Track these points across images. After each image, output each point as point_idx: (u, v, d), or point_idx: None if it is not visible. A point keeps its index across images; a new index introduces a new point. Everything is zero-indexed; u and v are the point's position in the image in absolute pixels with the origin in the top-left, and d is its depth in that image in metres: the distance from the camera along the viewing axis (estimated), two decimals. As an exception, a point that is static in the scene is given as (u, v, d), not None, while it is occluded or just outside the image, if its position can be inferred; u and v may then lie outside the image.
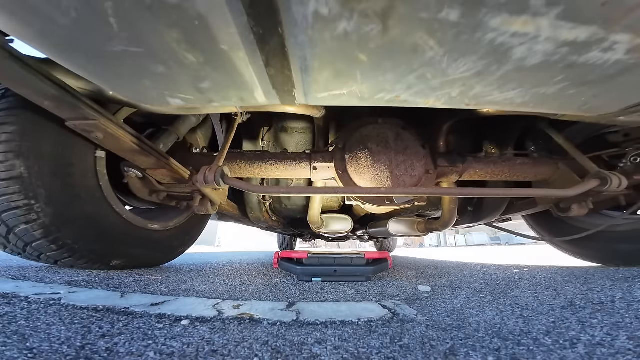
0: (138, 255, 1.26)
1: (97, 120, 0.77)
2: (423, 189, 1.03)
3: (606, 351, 0.46)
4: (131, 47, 0.47)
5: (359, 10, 0.39)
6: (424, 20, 0.40)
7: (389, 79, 0.56)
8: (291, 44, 0.46)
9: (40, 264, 1.58)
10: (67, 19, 0.42)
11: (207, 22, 0.42)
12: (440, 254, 5.11)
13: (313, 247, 10.70)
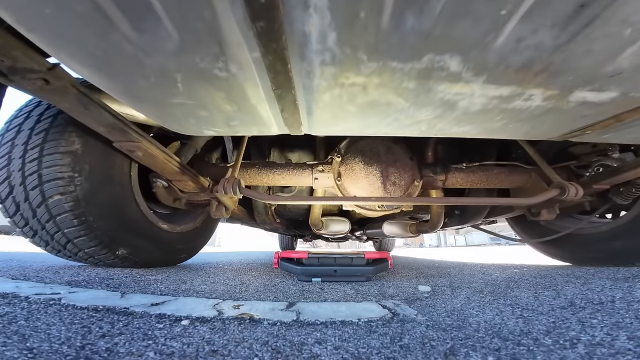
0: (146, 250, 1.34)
1: (140, 142, 0.92)
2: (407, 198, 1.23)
3: (606, 351, 0.46)
4: (188, 100, 0.66)
5: (347, 83, 0.58)
6: (392, 88, 0.60)
7: (372, 121, 0.75)
8: (300, 100, 0.65)
9: (39, 265, 1.58)
10: (147, 81, 0.59)
11: (244, 88, 0.61)
12: (440, 254, 5.11)
13: (313, 247, 10.70)
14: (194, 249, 1.72)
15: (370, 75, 0.55)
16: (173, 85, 0.60)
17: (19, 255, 2.47)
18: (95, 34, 0.46)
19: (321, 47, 0.48)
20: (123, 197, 1.18)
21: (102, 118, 0.80)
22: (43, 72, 0.64)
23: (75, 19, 0.44)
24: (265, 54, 0.50)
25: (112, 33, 0.46)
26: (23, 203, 1.03)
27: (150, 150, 0.96)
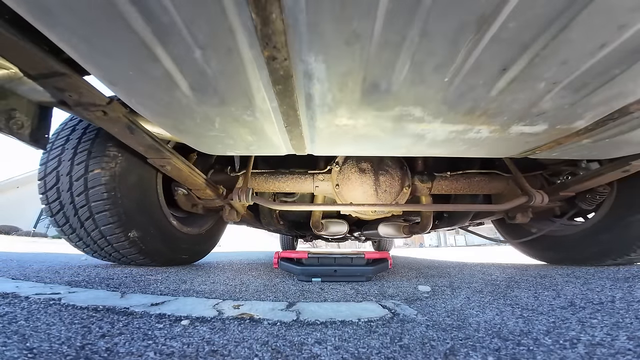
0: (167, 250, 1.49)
1: (170, 158, 1.08)
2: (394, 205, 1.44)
3: (606, 351, 0.46)
4: (220, 134, 0.86)
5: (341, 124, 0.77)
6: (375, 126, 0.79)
7: (362, 147, 0.94)
8: (305, 133, 0.84)
9: (39, 265, 1.58)
10: (193, 122, 0.78)
11: (263, 126, 0.79)
12: (440, 254, 5.11)
13: (313, 247, 10.70)
14: (207, 249, 1.91)
15: (357, 119, 0.75)
16: (211, 124, 0.79)
17: (19, 255, 2.47)
18: (162, 90, 0.63)
19: (321, 102, 0.67)
20: (151, 203, 1.34)
21: (143, 140, 0.97)
22: (102, 106, 0.79)
23: (150, 80, 0.61)
24: (281, 105, 0.69)
25: (175, 90, 0.63)
26: (68, 205, 1.17)
27: (178, 165, 1.12)
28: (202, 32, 0.47)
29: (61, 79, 0.68)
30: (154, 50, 0.52)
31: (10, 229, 15.41)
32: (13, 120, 0.82)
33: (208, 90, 0.63)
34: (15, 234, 14.51)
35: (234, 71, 0.57)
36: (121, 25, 0.46)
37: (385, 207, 1.42)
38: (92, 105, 0.78)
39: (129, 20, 0.45)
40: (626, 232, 1.39)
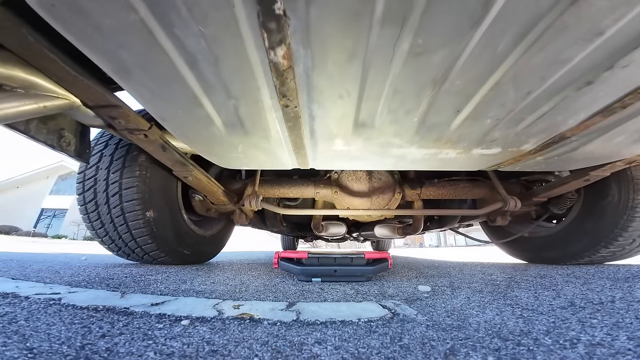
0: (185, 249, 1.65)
1: (193, 171, 1.22)
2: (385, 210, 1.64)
3: (606, 351, 0.46)
4: (240, 155, 1.05)
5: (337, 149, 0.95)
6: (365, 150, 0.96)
7: (355, 163, 1.12)
8: (309, 153, 1.02)
9: (39, 265, 1.58)
10: (221, 147, 0.98)
11: (275, 150, 0.98)
12: (440, 254, 5.11)
13: (313, 247, 10.70)
14: (218, 249, 2.09)
15: (351, 145, 0.93)
16: (235, 149, 0.99)
17: (19, 255, 2.47)
18: (202, 125, 0.83)
19: (321, 134, 0.86)
20: (173, 210, 1.50)
21: (172, 157, 1.12)
22: (144, 130, 0.94)
23: (193, 118, 0.80)
24: (290, 135, 0.87)
25: (211, 126, 0.83)
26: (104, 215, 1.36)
27: (198, 176, 1.27)
28: (237, 89, 0.66)
29: (114, 109, 0.83)
30: (200, 99, 0.70)
31: (10, 229, 15.41)
32: (63, 138, 0.94)
33: (236, 126, 0.83)
34: (15, 234, 14.50)
35: (257, 114, 0.76)
36: (180, 83, 0.64)
37: (377, 212, 1.64)
38: (137, 130, 0.93)
39: (186, 79, 0.63)
40: (592, 235, 1.50)
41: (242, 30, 0.50)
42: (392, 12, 0.46)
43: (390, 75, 0.61)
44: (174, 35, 0.51)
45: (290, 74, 0.60)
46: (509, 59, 0.56)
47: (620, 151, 0.99)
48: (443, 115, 0.76)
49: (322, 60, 0.57)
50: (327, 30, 0.50)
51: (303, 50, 0.54)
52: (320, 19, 0.47)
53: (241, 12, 0.46)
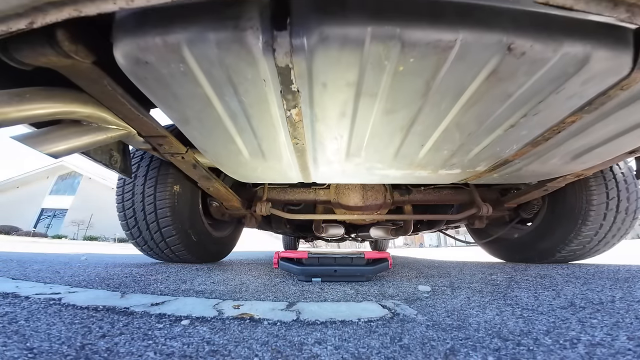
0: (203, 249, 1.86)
1: (214, 183, 1.43)
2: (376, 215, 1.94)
3: (606, 351, 0.46)
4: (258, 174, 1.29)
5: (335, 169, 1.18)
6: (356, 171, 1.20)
7: (349, 179, 1.37)
8: (312, 172, 1.24)
9: (39, 266, 1.58)
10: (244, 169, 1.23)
11: (286, 170, 1.22)
12: (440, 253, 5.11)
13: (313, 247, 10.69)
14: (229, 249, 2.34)
15: (344, 167, 1.17)
16: (254, 170, 1.24)
17: (19, 255, 2.47)
18: (233, 155, 1.08)
19: (321, 160, 1.11)
20: (195, 214, 1.70)
21: (200, 172, 1.32)
22: (183, 153, 1.15)
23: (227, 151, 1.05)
24: (298, 161, 1.12)
25: (239, 156, 1.08)
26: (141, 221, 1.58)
27: (218, 187, 1.48)
28: (261, 132, 0.90)
29: (162, 138, 1.03)
30: (234, 138, 0.94)
31: (10, 229, 15.40)
32: (112, 157, 1.15)
33: (258, 155, 1.08)
34: (15, 234, 14.50)
35: (275, 148, 1.01)
36: (222, 129, 0.88)
37: (369, 216, 1.90)
38: (176, 153, 1.14)
39: (227, 127, 0.87)
40: (555, 237, 1.70)
41: (269, 99, 0.73)
42: (369, 88, 0.69)
43: (370, 124, 0.84)
44: (224, 100, 0.74)
45: (300, 125, 0.85)
46: (450, 114, 0.79)
47: (559, 169, 1.21)
48: (411, 149, 0.99)
49: (322, 116, 0.81)
50: (325, 99, 0.73)
51: (309, 110, 0.78)
52: (321, 93, 0.70)
53: (270, 89, 0.68)
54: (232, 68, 0.62)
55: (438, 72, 0.63)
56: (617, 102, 0.74)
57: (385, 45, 0.57)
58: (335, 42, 0.56)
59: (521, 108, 0.76)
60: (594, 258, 2.33)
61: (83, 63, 0.63)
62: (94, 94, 0.77)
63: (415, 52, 0.58)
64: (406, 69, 0.62)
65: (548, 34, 0.57)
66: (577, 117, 0.79)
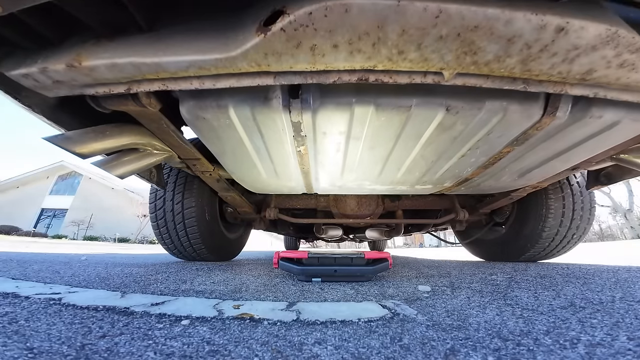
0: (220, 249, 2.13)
1: (233, 193, 1.69)
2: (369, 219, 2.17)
3: (606, 351, 0.46)
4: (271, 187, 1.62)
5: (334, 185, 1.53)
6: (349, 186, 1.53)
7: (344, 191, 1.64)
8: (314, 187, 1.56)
9: (39, 266, 1.58)
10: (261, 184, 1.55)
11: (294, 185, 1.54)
12: (440, 253, 5.10)
13: (313, 247, 10.68)
14: (239, 248, 2.59)
15: (341, 184, 1.46)
16: (269, 185, 1.53)
17: (19, 255, 2.47)
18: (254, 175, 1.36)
19: (321, 178, 1.40)
20: (214, 219, 1.94)
21: (223, 185, 1.57)
22: (211, 171, 1.38)
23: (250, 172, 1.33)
24: (304, 179, 1.40)
25: (259, 176, 1.37)
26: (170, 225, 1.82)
27: (235, 196, 1.74)
28: (277, 161, 1.18)
29: (196, 160, 1.27)
30: (256, 164, 1.23)
31: (11, 229, 15.40)
32: (152, 173, 1.38)
33: (273, 175, 1.36)
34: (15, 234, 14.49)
35: (286, 170, 1.29)
36: (248, 158, 1.16)
37: (363, 220, 2.16)
38: (206, 171, 1.38)
39: (252, 157, 1.14)
40: (522, 239, 1.92)
41: (284, 140, 1.00)
42: (355, 134, 0.96)
43: (358, 156, 1.13)
44: (253, 141, 1.02)
45: (306, 156, 1.13)
46: (415, 149, 1.05)
47: (511, 184, 1.47)
48: (390, 172, 1.27)
49: (322, 151, 1.09)
50: (324, 141, 1.01)
51: (313, 147, 1.07)
52: (322, 137, 0.98)
53: (286, 134, 0.95)
54: (261, 121, 0.89)
55: (402, 124, 0.89)
56: (537, 138, 0.96)
57: (365, 108, 0.82)
58: (331, 106, 0.82)
59: (466, 144, 1.02)
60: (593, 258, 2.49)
61: (151, 110, 0.85)
62: (151, 129, 1.00)
63: (386, 112, 0.84)
64: (380, 122, 0.88)
65: (475, 97, 0.80)
66: (510, 148, 1.04)
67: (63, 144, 0.84)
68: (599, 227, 25.74)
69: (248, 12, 0.63)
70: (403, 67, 0.64)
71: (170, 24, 0.67)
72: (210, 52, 0.62)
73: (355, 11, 0.54)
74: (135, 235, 17.89)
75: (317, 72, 0.66)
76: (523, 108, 0.81)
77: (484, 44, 0.59)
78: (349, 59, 0.62)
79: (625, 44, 0.59)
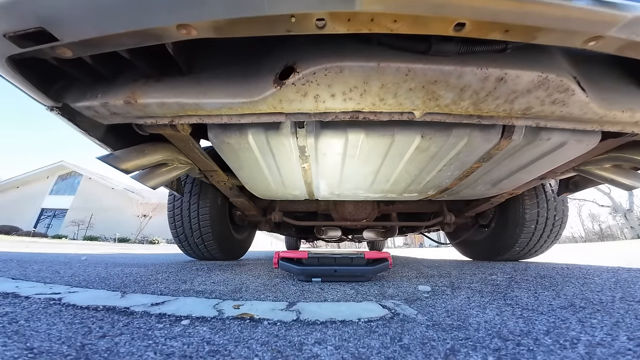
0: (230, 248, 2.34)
1: (243, 199, 1.87)
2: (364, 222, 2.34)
3: (606, 351, 0.46)
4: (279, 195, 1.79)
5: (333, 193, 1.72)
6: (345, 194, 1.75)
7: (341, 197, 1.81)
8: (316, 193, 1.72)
9: (39, 266, 1.58)
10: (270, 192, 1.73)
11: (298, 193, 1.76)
12: (440, 253, 5.10)
13: (314, 247, 10.67)
14: (246, 248, 2.80)
15: (339, 193, 1.68)
16: (277, 193, 1.73)
17: (19, 255, 2.47)
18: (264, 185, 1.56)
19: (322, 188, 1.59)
20: (224, 222, 2.15)
21: (234, 192, 1.76)
22: (225, 180, 1.55)
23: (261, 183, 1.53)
24: (307, 188, 1.61)
25: (269, 185, 1.57)
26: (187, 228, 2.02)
27: (244, 201, 1.91)
28: (285, 175, 1.38)
29: (214, 172, 1.44)
30: (267, 178, 1.42)
31: (11, 229, 15.39)
32: (172, 182, 1.50)
33: (280, 186, 1.54)
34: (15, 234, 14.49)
35: (292, 182, 1.48)
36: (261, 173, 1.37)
37: (359, 223, 2.32)
38: (221, 181, 1.56)
39: (264, 173, 1.35)
40: (503, 240, 2.11)
41: (292, 159, 1.18)
42: (350, 154, 1.14)
43: (353, 171, 1.31)
44: (265, 159, 1.21)
45: (309, 171, 1.33)
46: (399, 166, 1.24)
47: (487, 192, 1.66)
48: (381, 183, 1.46)
49: (322, 166, 1.27)
50: (324, 160, 1.20)
51: (315, 164, 1.26)
52: (322, 157, 1.17)
53: (293, 154, 1.14)
54: (273, 145, 1.07)
55: (388, 146, 1.07)
56: (499, 156, 1.13)
57: (357, 135, 1.01)
58: (329, 133, 1.01)
59: (441, 162, 1.19)
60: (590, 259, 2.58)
61: (183, 134, 1.00)
62: (179, 147, 1.18)
63: (374, 138, 1.01)
64: (370, 145, 1.06)
65: (443, 127, 0.97)
66: (479, 164, 1.22)
67: (113, 162, 1.00)
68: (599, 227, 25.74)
69: (265, 61, 0.80)
70: (384, 109, 0.82)
71: (205, 67, 0.81)
72: (238, 97, 0.79)
73: (347, 71, 0.73)
74: (135, 235, 17.88)
75: (319, 112, 0.83)
76: (483, 134, 0.98)
77: (442, 92, 0.76)
78: (343, 104, 0.80)
79: (555, 86, 0.75)
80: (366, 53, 0.73)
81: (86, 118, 0.90)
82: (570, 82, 0.74)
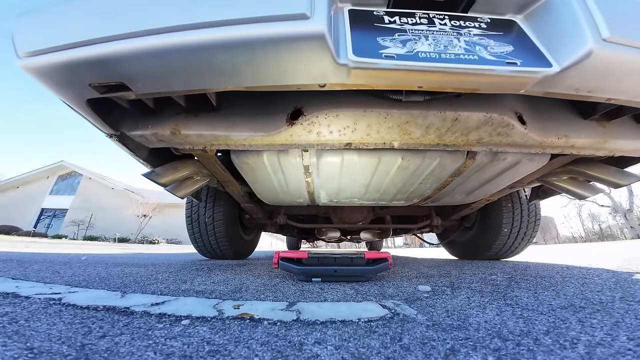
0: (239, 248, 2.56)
1: (251, 203, 2.04)
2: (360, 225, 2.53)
3: (606, 351, 0.46)
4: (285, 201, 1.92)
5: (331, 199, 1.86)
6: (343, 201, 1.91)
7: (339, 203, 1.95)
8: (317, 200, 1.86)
9: (39, 266, 1.58)
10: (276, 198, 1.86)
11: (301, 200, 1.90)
12: (440, 253, 5.10)
13: (314, 247, 10.68)
14: (253, 248, 3.01)
15: (337, 200, 1.84)
16: (284, 200, 1.87)
17: (19, 255, 2.47)
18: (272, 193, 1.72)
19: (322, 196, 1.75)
20: (235, 224, 2.40)
21: (245, 198, 1.91)
22: (238, 189, 1.72)
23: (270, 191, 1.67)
24: (309, 196, 1.76)
25: (277, 193, 1.71)
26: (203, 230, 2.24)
27: (253, 206, 2.11)
28: (292, 188, 1.60)
29: (230, 182, 1.60)
30: (277, 189, 1.63)
31: (11, 229, 15.39)
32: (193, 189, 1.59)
33: (287, 194, 1.71)
34: (15, 234, 14.49)
35: (297, 191, 1.66)
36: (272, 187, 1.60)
37: (356, 225, 2.52)
38: (235, 189, 1.73)
39: (275, 186, 1.58)
40: (483, 241, 2.35)
41: (298, 174, 1.38)
42: (345, 171, 1.34)
43: (348, 183, 1.49)
44: (276, 175, 1.40)
45: (312, 183, 1.51)
46: (386, 179, 1.41)
47: (464, 199, 1.84)
48: (372, 192, 1.63)
49: (323, 179, 1.44)
50: (325, 175, 1.39)
51: (317, 178, 1.43)
52: (323, 172, 1.37)
53: (299, 172, 1.35)
54: (283, 164, 1.28)
55: (376, 165, 1.26)
56: (468, 172, 1.32)
57: (350, 157, 1.21)
58: (328, 157, 1.23)
59: (420, 176, 1.38)
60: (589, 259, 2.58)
61: (210, 154, 1.23)
62: (204, 163, 1.36)
63: (365, 159, 1.22)
64: (362, 164, 1.26)
65: (419, 151, 1.16)
66: (452, 178, 1.40)
67: (154, 178, 1.23)
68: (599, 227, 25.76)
69: (278, 101, 1.01)
70: (370, 141, 1.03)
71: (230, 105, 1.03)
72: (259, 131, 1.00)
73: (342, 115, 0.97)
74: (135, 235, 17.88)
75: (321, 143, 1.04)
76: (452, 155, 1.18)
77: (413, 129, 0.99)
78: (339, 138, 1.02)
79: (497, 123, 0.95)
80: (355, 101, 0.96)
81: (135, 142, 1.08)
82: (510, 119, 0.94)
